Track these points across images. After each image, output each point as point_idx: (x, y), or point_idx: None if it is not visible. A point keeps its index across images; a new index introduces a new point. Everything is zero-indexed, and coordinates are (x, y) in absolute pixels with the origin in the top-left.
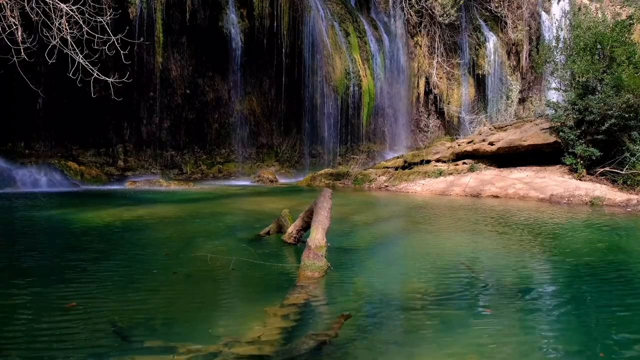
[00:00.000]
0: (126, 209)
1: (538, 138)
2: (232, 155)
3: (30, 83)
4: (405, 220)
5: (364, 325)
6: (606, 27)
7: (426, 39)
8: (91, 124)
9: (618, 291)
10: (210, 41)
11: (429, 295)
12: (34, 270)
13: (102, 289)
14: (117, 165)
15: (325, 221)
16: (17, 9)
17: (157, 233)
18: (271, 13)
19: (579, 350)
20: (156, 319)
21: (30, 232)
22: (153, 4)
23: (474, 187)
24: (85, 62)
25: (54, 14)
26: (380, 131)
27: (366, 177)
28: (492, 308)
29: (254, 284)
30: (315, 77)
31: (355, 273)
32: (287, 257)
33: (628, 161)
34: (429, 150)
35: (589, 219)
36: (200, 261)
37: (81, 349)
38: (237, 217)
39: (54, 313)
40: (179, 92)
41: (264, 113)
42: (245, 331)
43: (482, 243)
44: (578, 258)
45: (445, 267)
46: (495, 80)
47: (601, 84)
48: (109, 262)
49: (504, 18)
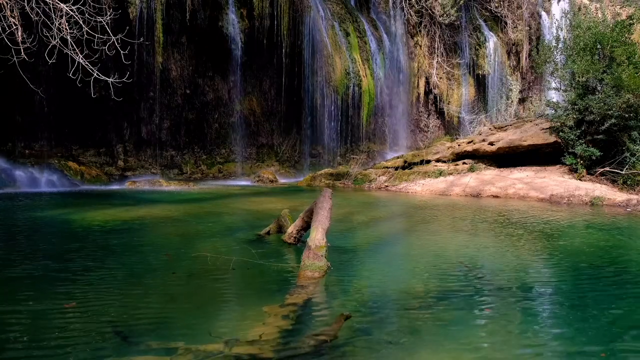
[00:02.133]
0: (126, 209)
1: (538, 138)
2: (232, 155)
3: (31, 83)
4: (405, 220)
5: (364, 325)
6: (606, 27)
7: (426, 39)
8: (91, 124)
9: (619, 291)
10: (210, 41)
11: (429, 295)
12: (34, 270)
13: (102, 289)
14: (117, 165)
15: (325, 221)
16: (17, 9)
17: (157, 233)
18: (271, 13)
19: (580, 351)
20: (156, 319)
21: (30, 232)
22: (153, 4)
23: (474, 187)
24: (85, 62)
25: (54, 14)
26: (380, 131)
27: (366, 177)
28: (492, 308)
29: (254, 284)
30: (315, 77)
31: (355, 273)
32: (287, 257)
33: (628, 161)
34: (429, 150)
35: (589, 219)
36: (200, 261)
37: (81, 349)
38: (237, 217)
39: (54, 313)
40: (179, 92)
41: (264, 113)
42: (245, 331)
43: (482, 243)
44: (578, 258)
45: (445, 267)
46: (495, 80)
47: (601, 84)
48: (109, 262)
49: (504, 18)
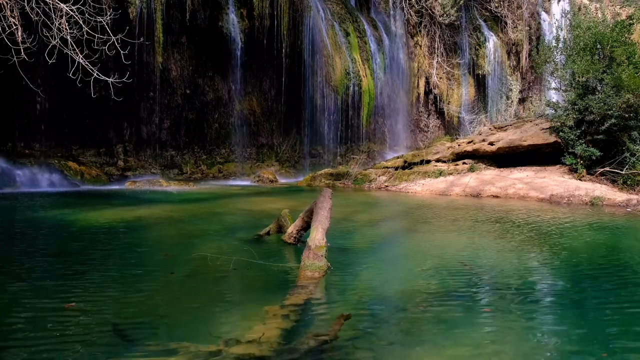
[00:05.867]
0: (126, 209)
1: (538, 138)
2: (232, 155)
3: (30, 83)
4: (405, 220)
5: (364, 325)
6: (606, 27)
7: (426, 39)
8: (91, 124)
9: (619, 291)
10: (210, 41)
11: (429, 295)
12: (34, 271)
13: (102, 289)
14: (117, 165)
15: (325, 221)
16: (17, 9)
17: (157, 233)
18: (271, 13)
19: (580, 351)
20: (156, 319)
21: (30, 232)
22: (153, 4)
23: (474, 187)
24: (85, 62)
25: (54, 14)
26: (380, 131)
27: (366, 177)
28: (492, 308)
29: (254, 284)
30: (315, 77)
31: (355, 273)
32: (287, 257)
33: (628, 161)
34: (429, 150)
35: (589, 219)
36: (200, 261)
37: (81, 349)
38: (237, 217)
39: (54, 313)
40: (179, 92)
41: (264, 113)
42: (245, 331)
43: (482, 243)
44: (578, 258)
45: (445, 267)
46: (495, 80)
47: (601, 84)
48: (109, 262)
49: (504, 18)
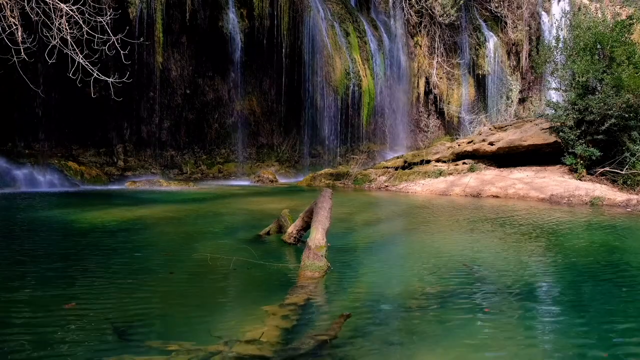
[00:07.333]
0: (126, 209)
1: (538, 138)
2: (232, 155)
3: (30, 83)
4: (405, 220)
5: (364, 325)
6: (606, 27)
7: (426, 39)
8: (91, 124)
9: (619, 291)
10: (210, 41)
11: (428, 295)
12: (34, 271)
13: (102, 289)
14: (117, 165)
15: (326, 221)
16: (17, 9)
17: (157, 233)
18: (271, 13)
19: (580, 351)
20: (156, 319)
21: (30, 232)
22: (153, 4)
23: (474, 187)
24: (85, 62)
25: (54, 14)
26: (380, 131)
27: (366, 177)
28: (492, 308)
29: (254, 284)
30: (315, 77)
31: (355, 273)
32: (287, 257)
33: (628, 161)
34: (429, 150)
35: (589, 219)
36: (200, 261)
37: (81, 349)
38: (237, 217)
39: (54, 313)
40: (179, 92)
41: (264, 113)
42: (245, 331)
43: (482, 243)
44: (578, 258)
45: (445, 267)
46: (495, 80)
47: (601, 84)
48: (109, 262)
49: (504, 18)
